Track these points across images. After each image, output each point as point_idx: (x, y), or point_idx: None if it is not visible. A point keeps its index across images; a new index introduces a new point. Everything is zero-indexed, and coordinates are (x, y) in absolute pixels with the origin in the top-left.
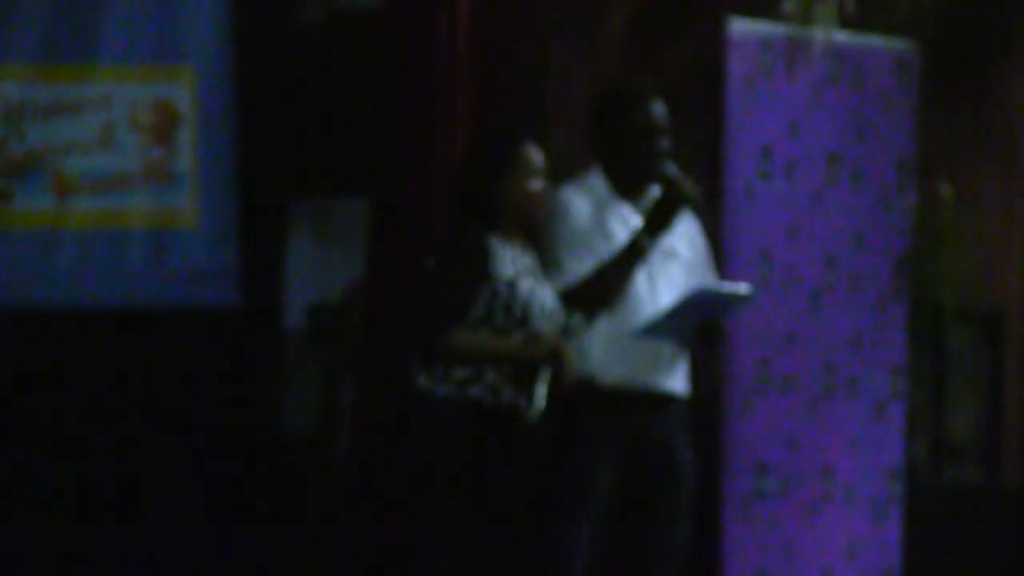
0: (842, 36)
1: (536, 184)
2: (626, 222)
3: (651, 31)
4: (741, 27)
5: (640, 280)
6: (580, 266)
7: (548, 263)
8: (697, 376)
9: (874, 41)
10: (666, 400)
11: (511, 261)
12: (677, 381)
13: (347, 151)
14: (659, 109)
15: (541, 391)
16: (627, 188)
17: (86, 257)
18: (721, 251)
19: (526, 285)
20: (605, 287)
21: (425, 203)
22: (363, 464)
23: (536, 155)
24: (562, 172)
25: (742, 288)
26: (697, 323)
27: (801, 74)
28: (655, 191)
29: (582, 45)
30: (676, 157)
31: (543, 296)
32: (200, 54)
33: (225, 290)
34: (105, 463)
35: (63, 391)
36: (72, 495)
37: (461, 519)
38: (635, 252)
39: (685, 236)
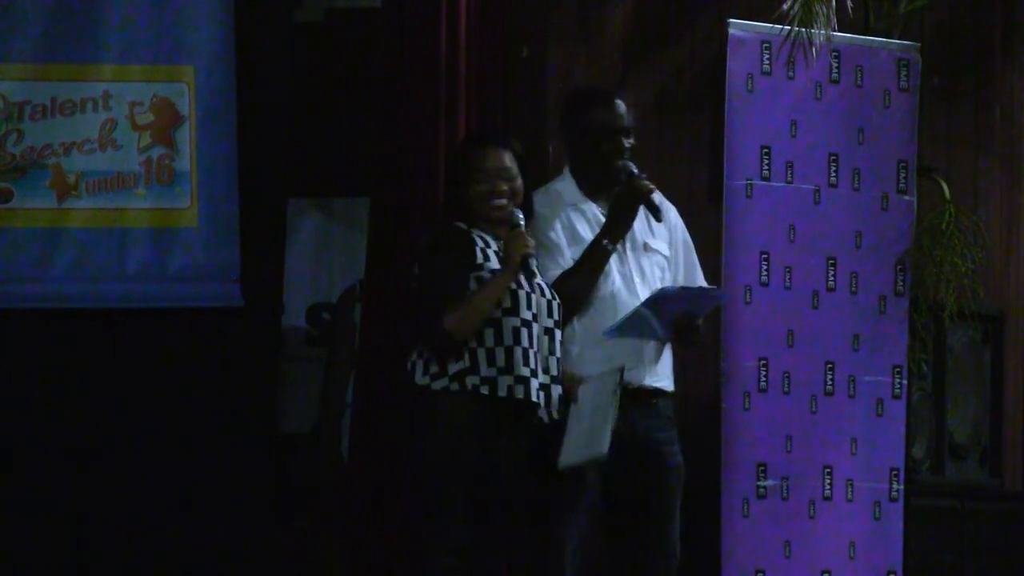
0: (842, 36)
1: (482, 186)
2: (594, 223)
3: (651, 31)
4: (741, 27)
5: (614, 278)
6: (546, 274)
7: None
8: (696, 376)
9: (874, 41)
10: (649, 397)
11: (496, 255)
12: (660, 377)
13: (347, 151)
14: (622, 108)
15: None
16: (594, 188)
17: (86, 257)
18: (721, 251)
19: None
20: (573, 290)
21: (425, 203)
22: (363, 464)
23: (491, 158)
24: (560, 171)
25: (710, 288)
26: (668, 321)
27: (801, 74)
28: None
29: (582, 45)
30: (676, 157)
31: (534, 287)
32: (200, 54)
33: (225, 290)
34: (104, 462)
35: (62, 391)
36: (71, 494)
37: (463, 511)
38: (598, 254)
39: (663, 231)
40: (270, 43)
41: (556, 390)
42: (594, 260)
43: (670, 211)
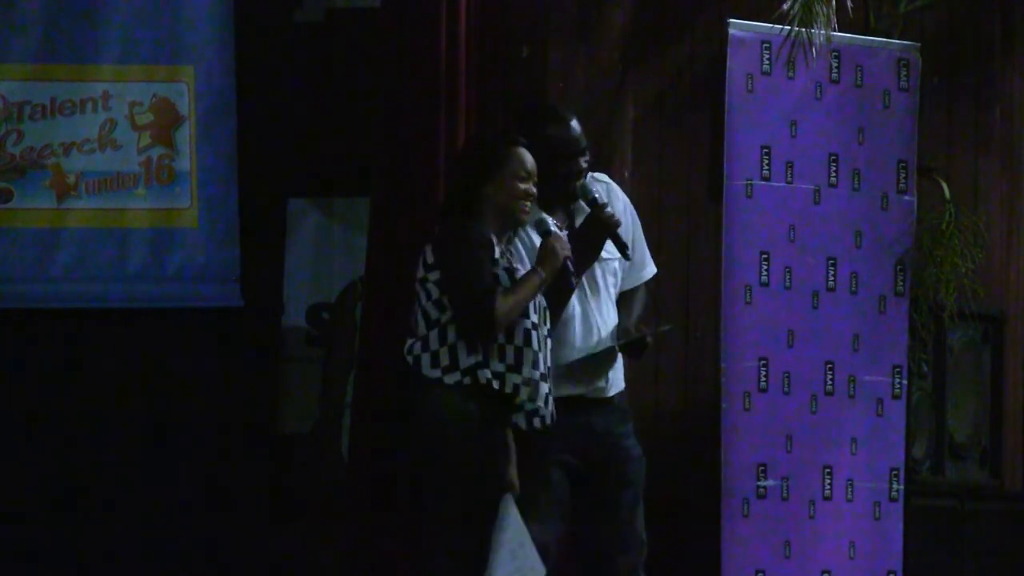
0: (842, 36)
1: (523, 186)
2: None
3: (651, 31)
4: (741, 27)
5: (573, 304)
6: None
7: None
8: (696, 376)
9: (874, 41)
10: (606, 400)
11: (504, 255)
12: (615, 383)
13: (347, 151)
14: (578, 129)
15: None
16: (547, 202)
17: (86, 257)
18: (721, 251)
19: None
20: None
21: (425, 203)
22: (363, 464)
23: (527, 158)
24: None
25: (662, 326)
26: (618, 353)
27: (801, 74)
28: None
29: (582, 45)
30: (676, 157)
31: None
32: (200, 54)
33: (225, 290)
34: (104, 462)
35: (62, 390)
36: (71, 494)
37: (468, 506)
38: (565, 288)
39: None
40: (270, 43)
41: (551, 400)
42: (560, 294)
43: (617, 200)
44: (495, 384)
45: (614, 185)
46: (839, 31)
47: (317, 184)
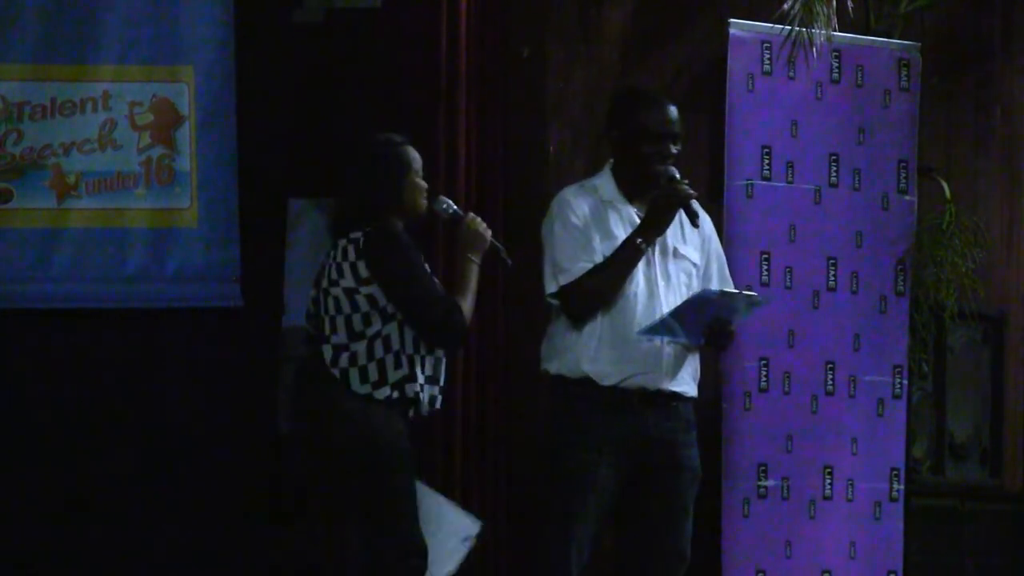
0: (842, 36)
1: (424, 182)
2: (628, 223)
3: (651, 31)
4: (741, 27)
5: (639, 281)
6: (575, 265)
7: (547, 264)
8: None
9: (874, 41)
10: (668, 400)
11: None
12: (680, 382)
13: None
14: (673, 114)
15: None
16: (633, 190)
17: (86, 257)
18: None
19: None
20: (601, 285)
21: None
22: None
23: (417, 155)
24: (561, 171)
25: (751, 294)
26: (703, 326)
27: (801, 74)
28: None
29: (582, 45)
30: (677, 157)
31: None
32: (200, 54)
33: (225, 290)
34: (104, 462)
35: (62, 391)
36: (71, 494)
37: (412, 508)
38: (630, 251)
39: (696, 239)
40: (270, 43)
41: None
42: (626, 257)
43: (705, 221)
44: (423, 396)
45: (703, 211)
46: (839, 31)
47: (317, 184)
